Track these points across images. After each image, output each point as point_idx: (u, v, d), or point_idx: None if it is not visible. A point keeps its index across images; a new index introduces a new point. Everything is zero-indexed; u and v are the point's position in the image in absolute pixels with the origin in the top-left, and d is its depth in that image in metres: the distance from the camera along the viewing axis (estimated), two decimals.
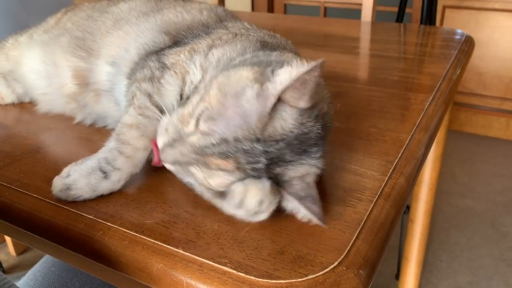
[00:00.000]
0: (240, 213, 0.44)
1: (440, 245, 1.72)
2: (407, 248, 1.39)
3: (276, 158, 0.44)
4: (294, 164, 0.45)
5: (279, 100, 0.43)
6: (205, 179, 0.44)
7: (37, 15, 0.88)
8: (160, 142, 0.48)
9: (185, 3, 0.74)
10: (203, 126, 0.44)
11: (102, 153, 0.51)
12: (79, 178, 0.49)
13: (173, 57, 0.59)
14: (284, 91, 0.42)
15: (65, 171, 0.50)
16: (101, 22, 0.72)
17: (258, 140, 0.43)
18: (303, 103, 0.43)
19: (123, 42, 0.66)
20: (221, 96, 0.44)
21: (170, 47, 0.62)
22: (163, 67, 0.58)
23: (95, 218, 0.46)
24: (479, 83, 2.45)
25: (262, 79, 0.44)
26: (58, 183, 0.49)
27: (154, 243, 0.43)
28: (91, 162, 0.50)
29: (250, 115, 0.43)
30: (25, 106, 0.77)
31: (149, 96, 0.56)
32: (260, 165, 0.43)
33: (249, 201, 0.43)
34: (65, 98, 0.70)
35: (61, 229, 0.46)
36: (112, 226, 0.45)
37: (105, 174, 0.49)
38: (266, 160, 0.43)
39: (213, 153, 0.43)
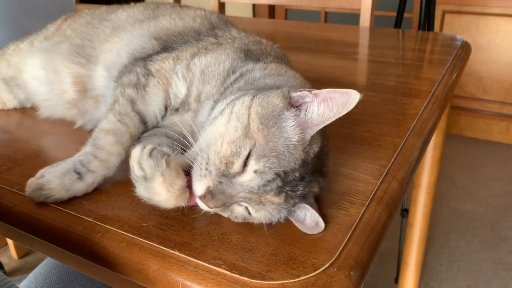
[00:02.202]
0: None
1: (439, 249, 1.72)
2: (406, 252, 1.39)
3: (307, 182, 0.47)
4: (312, 184, 0.48)
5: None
6: (248, 214, 0.46)
7: (39, 21, 0.90)
8: (203, 186, 0.45)
9: (182, 10, 0.75)
10: (256, 165, 0.44)
11: (77, 156, 0.53)
12: (52, 179, 0.50)
13: (159, 63, 0.60)
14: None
15: (40, 172, 0.51)
16: (100, 30, 0.73)
17: (299, 169, 0.45)
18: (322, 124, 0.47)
19: (117, 48, 0.68)
20: (266, 131, 0.45)
21: (158, 52, 0.63)
22: (148, 73, 0.59)
23: (94, 221, 0.47)
24: (479, 88, 2.46)
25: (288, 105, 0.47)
26: (31, 184, 0.50)
27: (151, 245, 0.44)
28: (66, 164, 0.52)
29: (294, 141, 0.45)
30: (27, 111, 0.78)
31: (132, 102, 0.57)
32: (300, 191, 0.46)
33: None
34: (66, 104, 0.71)
35: (61, 231, 0.48)
36: (111, 229, 0.46)
37: (80, 176, 0.51)
38: (303, 184, 0.46)
39: (271, 190, 0.44)
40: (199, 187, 0.45)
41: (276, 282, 0.39)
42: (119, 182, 0.54)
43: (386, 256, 1.63)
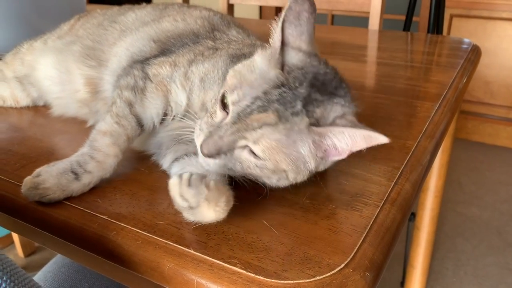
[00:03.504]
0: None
1: (446, 253, 1.71)
2: (412, 255, 1.39)
3: (308, 98, 0.47)
4: (329, 102, 0.47)
5: (284, 45, 0.48)
6: (251, 154, 0.46)
7: (50, 21, 0.90)
8: (199, 141, 0.49)
9: (188, 10, 0.75)
10: (231, 97, 0.47)
11: (74, 157, 0.53)
12: (48, 178, 0.50)
13: (156, 68, 0.60)
14: (283, 26, 0.48)
15: (36, 171, 0.51)
16: (109, 32, 0.74)
17: (283, 84, 0.46)
18: (304, 45, 0.49)
19: (120, 52, 0.69)
20: (236, 74, 0.49)
21: (155, 56, 0.63)
22: (146, 77, 0.60)
23: (108, 219, 0.48)
24: (486, 92, 2.45)
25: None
26: (27, 182, 0.50)
27: (166, 243, 0.44)
28: (63, 164, 0.52)
29: (263, 69, 0.48)
30: (39, 109, 0.79)
31: (130, 105, 0.58)
32: (298, 108, 0.46)
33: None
34: (78, 104, 0.72)
35: (76, 229, 0.48)
36: (126, 227, 0.46)
37: (76, 176, 0.51)
38: (301, 101, 0.46)
39: (252, 111, 0.46)
40: (198, 143, 0.49)
41: (292, 281, 0.39)
42: (133, 180, 0.55)
43: (392, 259, 1.62)
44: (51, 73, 0.75)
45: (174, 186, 0.44)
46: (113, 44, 0.71)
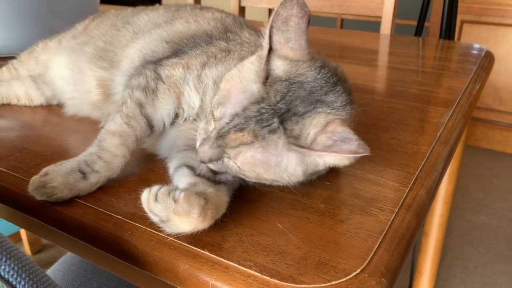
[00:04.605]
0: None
1: (453, 260, 1.70)
2: (420, 261, 1.38)
3: (287, 113, 0.45)
4: (310, 115, 0.45)
5: (271, 52, 0.48)
6: (235, 164, 0.47)
7: (65, 21, 0.91)
8: (197, 146, 0.50)
9: (200, 12, 0.75)
10: (216, 113, 0.48)
11: (82, 156, 0.53)
12: (56, 177, 0.50)
13: (169, 69, 0.60)
14: (270, 33, 0.47)
15: (44, 170, 0.51)
16: (122, 34, 0.74)
17: (263, 99, 0.46)
18: (292, 52, 0.47)
19: (132, 54, 0.69)
20: (227, 84, 0.49)
21: (168, 57, 0.63)
22: (158, 78, 0.60)
23: (123, 219, 0.48)
24: (496, 98, 2.44)
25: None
26: (35, 181, 0.50)
27: (181, 244, 0.44)
28: (70, 163, 0.52)
29: (249, 80, 0.47)
30: (52, 108, 0.79)
31: (141, 106, 0.58)
32: (275, 125, 0.45)
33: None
34: (90, 105, 0.72)
35: (90, 228, 0.48)
36: (140, 227, 0.46)
37: (84, 175, 0.51)
38: (278, 118, 0.45)
39: (230, 129, 0.46)
40: (197, 148, 0.50)
41: (308, 286, 0.39)
42: (147, 181, 0.55)
43: None
44: (65, 72, 0.75)
45: (143, 201, 0.45)
46: (126, 46, 0.71)
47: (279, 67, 0.47)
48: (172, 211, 0.42)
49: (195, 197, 0.43)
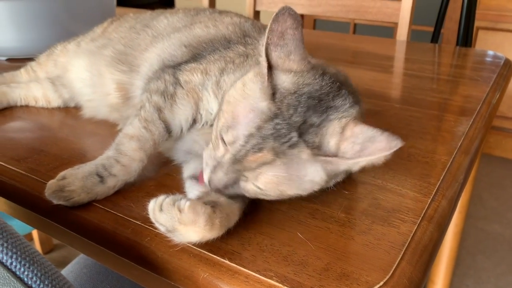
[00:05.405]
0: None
1: (466, 269, 1.68)
2: (433, 270, 1.36)
3: (304, 125, 0.45)
4: (325, 124, 0.45)
5: (273, 69, 0.47)
6: (255, 186, 0.46)
7: (82, 24, 0.92)
8: (206, 176, 0.48)
9: (219, 16, 0.75)
10: (227, 138, 0.46)
11: (100, 160, 0.53)
12: (74, 181, 0.50)
13: (187, 74, 0.60)
14: (268, 51, 0.46)
15: (61, 174, 0.51)
16: (141, 37, 0.74)
17: (276, 115, 0.45)
18: (295, 64, 0.47)
19: (151, 58, 0.69)
20: (230, 106, 0.47)
21: (187, 61, 0.63)
22: (177, 83, 0.60)
23: (142, 224, 0.47)
24: (511, 106, 2.41)
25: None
26: (52, 185, 0.50)
27: (200, 251, 0.44)
28: (88, 167, 0.52)
29: (255, 99, 0.46)
30: (70, 110, 0.79)
31: (159, 110, 0.57)
32: (294, 140, 0.44)
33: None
34: (108, 108, 0.72)
35: (109, 233, 0.48)
36: (159, 233, 0.46)
37: (102, 179, 0.51)
38: (296, 132, 0.44)
39: (247, 152, 0.44)
40: (205, 177, 0.48)
41: None
42: (165, 186, 0.55)
43: None
44: (83, 75, 0.76)
45: (150, 211, 0.44)
46: (145, 50, 0.71)
47: (285, 80, 0.47)
48: (177, 221, 0.42)
49: (201, 206, 0.43)
